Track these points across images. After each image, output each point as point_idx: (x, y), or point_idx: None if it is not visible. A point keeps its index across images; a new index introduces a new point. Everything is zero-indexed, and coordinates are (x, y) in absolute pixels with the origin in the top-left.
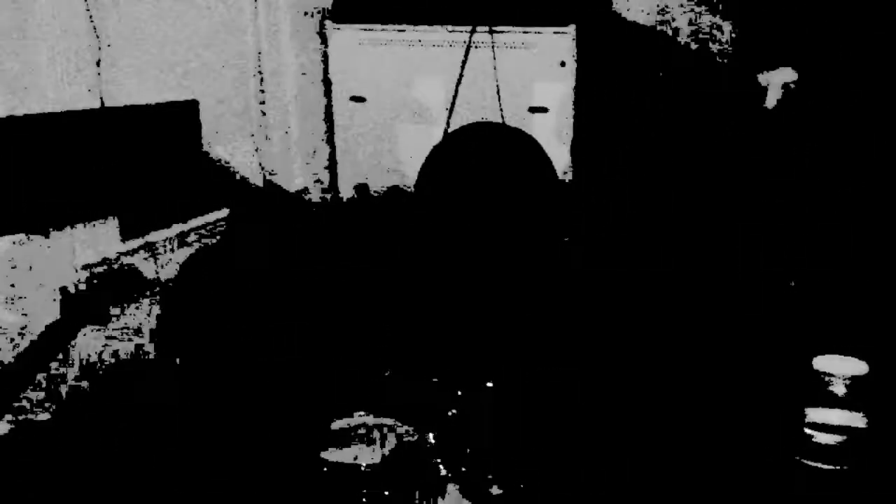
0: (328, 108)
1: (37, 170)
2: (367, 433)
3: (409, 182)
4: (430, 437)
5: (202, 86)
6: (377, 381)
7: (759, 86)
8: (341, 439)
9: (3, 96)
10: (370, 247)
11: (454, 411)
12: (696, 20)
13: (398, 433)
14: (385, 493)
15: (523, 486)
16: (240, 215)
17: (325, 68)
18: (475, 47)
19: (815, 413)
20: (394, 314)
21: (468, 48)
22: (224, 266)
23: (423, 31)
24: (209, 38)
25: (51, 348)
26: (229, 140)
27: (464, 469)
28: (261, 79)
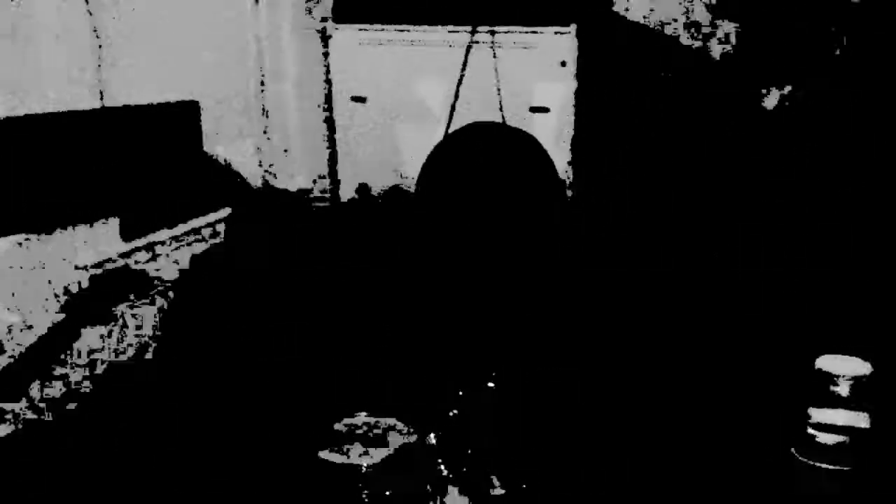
0: (329, 108)
1: (37, 170)
2: (368, 433)
3: (410, 182)
4: (432, 437)
5: (203, 86)
6: (378, 381)
7: (759, 86)
8: (342, 440)
9: (3, 96)
10: (371, 247)
11: (455, 411)
12: (697, 20)
13: (399, 433)
14: (386, 493)
15: (525, 486)
16: (240, 215)
17: (326, 68)
18: (476, 47)
19: (818, 413)
20: (394, 314)
21: (469, 48)
22: (224, 266)
23: (424, 31)
24: (210, 39)
25: (53, 348)
26: (230, 140)
27: (465, 469)
28: (261, 79)
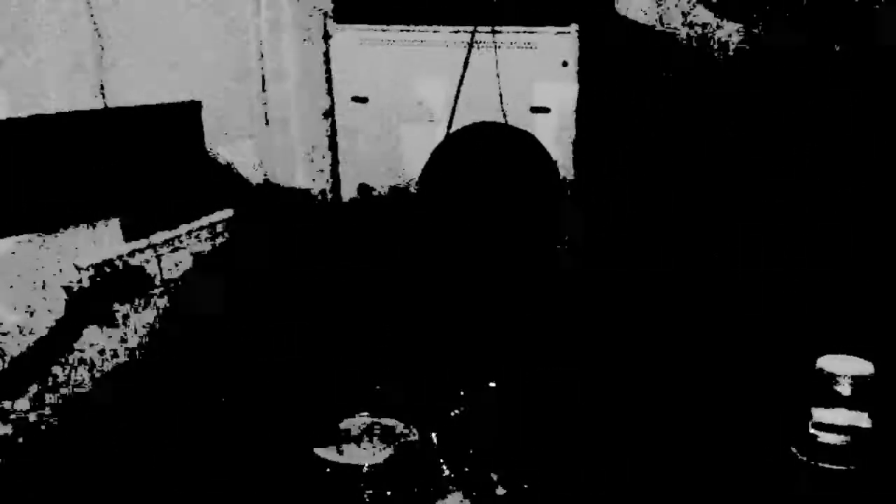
0: (330, 109)
1: (39, 171)
2: (370, 434)
3: (411, 182)
4: (433, 437)
5: (204, 86)
6: (379, 381)
7: (759, 86)
8: (344, 440)
9: (5, 97)
10: (371, 247)
11: (457, 411)
12: (697, 20)
13: (401, 434)
14: (388, 493)
15: (527, 486)
16: (241, 215)
17: (327, 68)
18: (477, 47)
19: (820, 413)
20: (395, 314)
21: (470, 48)
22: (225, 266)
23: (425, 31)
24: (211, 39)
25: (53, 348)
26: (231, 140)
27: (467, 469)
28: (263, 79)
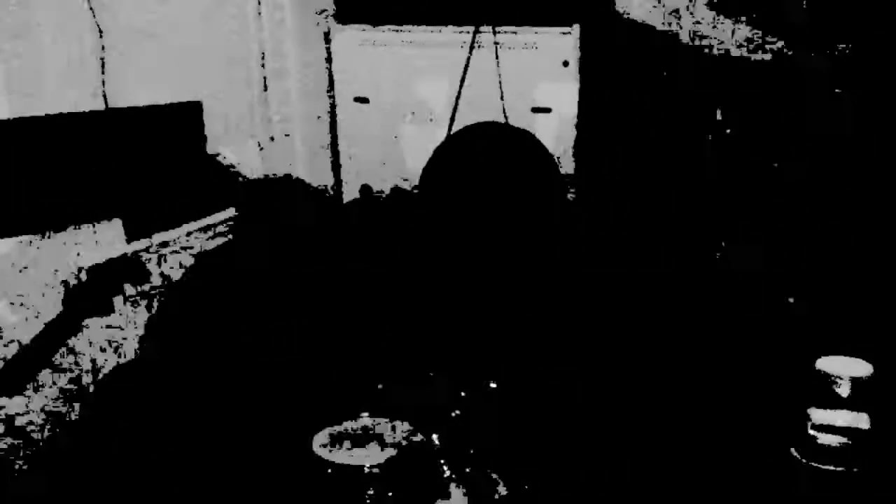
0: (331, 109)
1: (41, 171)
2: (371, 434)
3: (412, 183)
4: (434, 437)
5: (205, 87)
6: (380, 382)
7: (759, 86)
8: (345, 441)
9: (7, 97)
10: (372, 247)
11: (458, 412)
12: (698, 20)
13: (402, 434)
14: (389, 493)
15: (527, 486)
16: (242, 216)
17: (329, 69)
18: (478, 48)
19: (819, 414)
20: (396, 314)
21: (471, 49)
22: (226, 266)
23: (427, 32)
24: (213, 39)
25: (53, 342)
26: (232, 141)
27: (468, 470)
28: (264, 80)
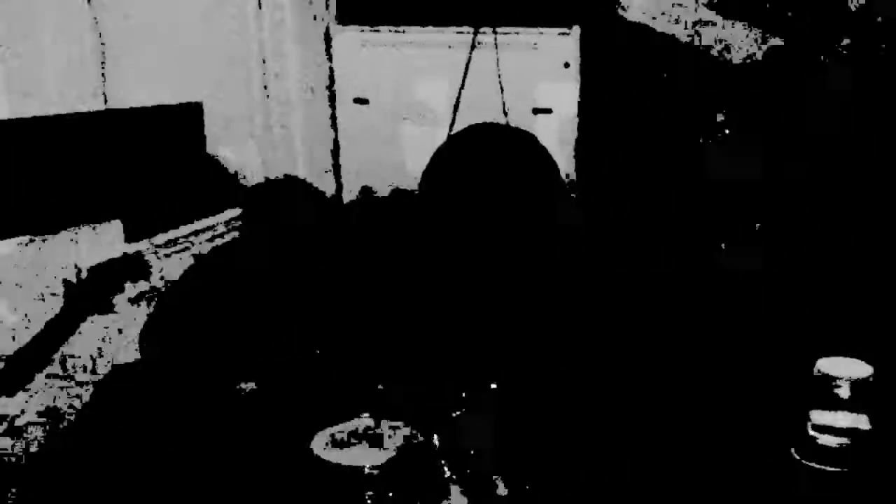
0: (332, 110)
1: (39, 172)
2: (371, 435)
3: (413, 184)
4: (435, 438)
5: (206, 87)
6: (380, 382)
7: (760, 85)
8: (344, 441)
9: (7, 97)
10: (373, 247)
11: (458, 412)
12: (699, 20)
13: (402, 435)
14: (389, 494)
15: (528, 486)
16: (242, 216)
17: (329, 70)
18: (479, 48)
19: (818, 415)
20: (396, 315)
21: (472, 49)
22: (226, 266)
23: (427, 33)
24: (213, 40)
25: (53, 341)
26: (233, 141)
27: (469, 470)
28: (264, 81)
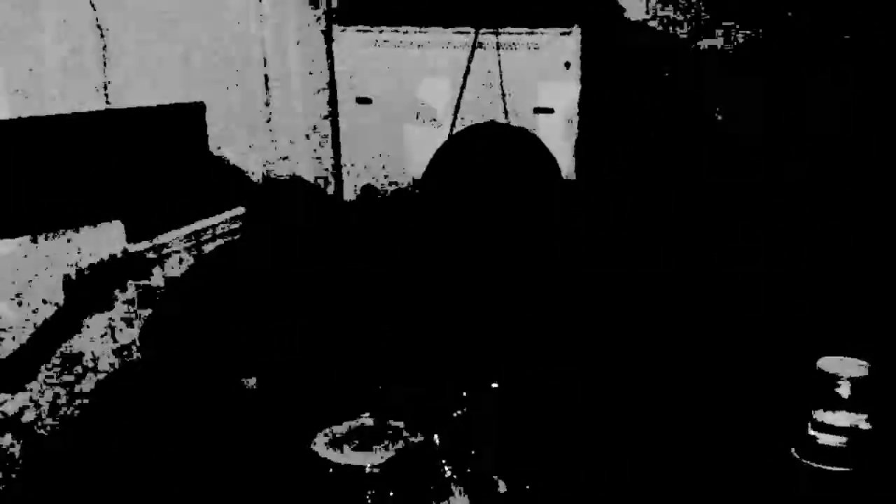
0: (333, 110)
1: (42, 172)
2: (372, 435)
3: (415, 182)
4: (436, 438)
5: (208, 87)
6: (381, 382)
7: (760, 86)
8: (346, 441)
9: (8, 97)
10: (373, 247)
11: (459, 412)
12: (699, 20)
13: (403, 435)
14: (390, 493)
15: (528, 486)
16: (244, 216)
17: (331, 70)
18: (480, 48)
19: (819, 414)
20: (397, 315)
21: (473, 49)
22: (228, 266)
23: (428, 33)
24: (215, 40)
25: (54, 337)
26: (234, 141)
27: (469, 470)
28: (266, 81)
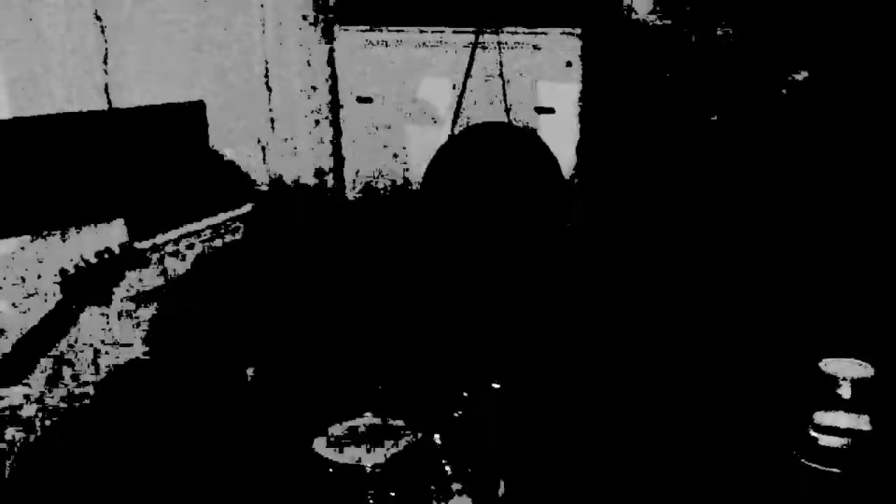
0: (334, 109)
1: (43, 171)
2: (373, 434)
3: (415, 182)
4: (436, 437)
5: (208, 87)
6: (382, 382)
7: (760, 86)
8: (347, 440)
9: (8, 97)
10: (373, 247)
11: (460, 412)
12: (699, 21)
13: (403, 434)
14: (391, 493)
15: (528, 486)
16: (245, 215)
17: (332, 70)
18: (482, 48)
19: (820, 416)
20: (397, 314)
21: (474, 49)
22: (228, 266)
23: (430, 33)
24: (217, 42)
25: (52, 331)
26: (235, 141)
27: (469, 470)
28: (267, 80)
